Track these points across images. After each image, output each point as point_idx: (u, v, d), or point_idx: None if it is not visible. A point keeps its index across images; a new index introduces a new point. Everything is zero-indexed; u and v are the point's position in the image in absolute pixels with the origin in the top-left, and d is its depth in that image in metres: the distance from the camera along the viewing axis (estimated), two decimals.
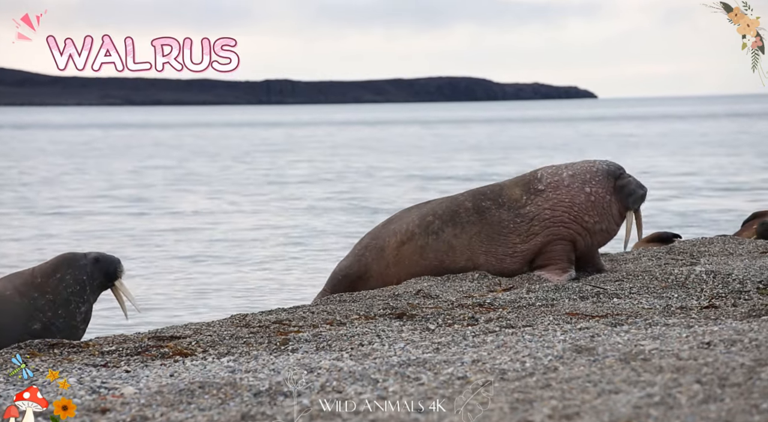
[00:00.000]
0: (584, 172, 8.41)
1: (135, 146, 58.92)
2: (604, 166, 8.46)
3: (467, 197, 8.55)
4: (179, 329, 6.97)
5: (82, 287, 7.10)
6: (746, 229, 12.18)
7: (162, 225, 20.25)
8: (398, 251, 8.50)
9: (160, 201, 25.96)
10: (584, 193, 8.35)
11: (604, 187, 8.39)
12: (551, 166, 8.56)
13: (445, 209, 8.51)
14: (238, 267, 15.01)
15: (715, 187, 26.65)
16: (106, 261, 7.20)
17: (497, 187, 8.57)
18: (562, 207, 8.34)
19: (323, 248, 16.92)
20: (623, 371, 4.89)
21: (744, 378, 4.63)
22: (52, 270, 7.10)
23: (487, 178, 31.56)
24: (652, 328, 6.07)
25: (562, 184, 8.37)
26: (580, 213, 8.35)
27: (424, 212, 8.58)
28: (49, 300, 7.01)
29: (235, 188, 29.59)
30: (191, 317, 10.84)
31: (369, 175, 33.75)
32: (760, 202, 22.39)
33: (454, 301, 7.61)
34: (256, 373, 5.39)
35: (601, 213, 8.39)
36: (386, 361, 5.45)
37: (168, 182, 32.09)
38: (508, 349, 5.54)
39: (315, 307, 7.64)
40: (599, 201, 8.38)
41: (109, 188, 29.98)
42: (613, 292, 7.69)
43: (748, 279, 7.91)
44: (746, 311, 6.93)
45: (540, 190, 8.39)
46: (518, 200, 8.41)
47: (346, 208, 23.53)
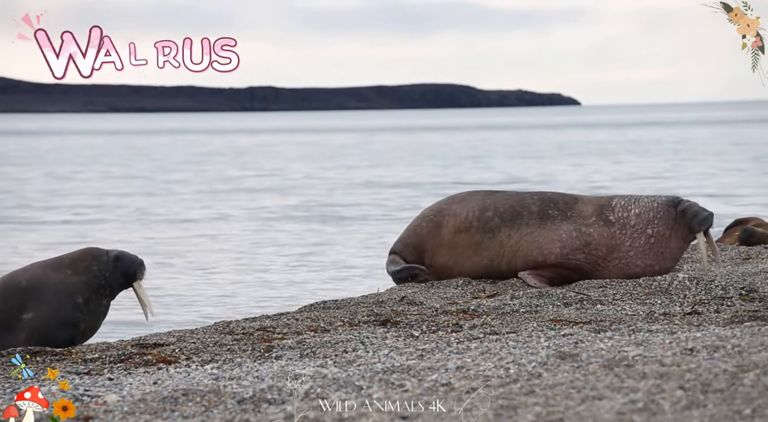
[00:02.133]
0: (648, 210, 8.43)
1: (104, 153, 58.77)
2: (663, 199, 8.49)
3: (535, 201, 8.53)
4: (163, 336, 6.95)
5: (105, 282, 7.04)
6: (729, 236, 12.23)
7: (141, 233, 20.21)
8: (454, 237, 8.57)
9: (134, 208, 25.90)
10: (645, 236, 8.37)
11: (665, 222, 8.39)
12: (625, 197, 8.54)
13: (508, 208, 8.51)
14: (219, 274, 14.98)
15: (698, 193, 26.75)
16: (127, 261, 7.13)
17: (571, 199, 8.56)
18: (620, 250, 8.35)
19: (302, 255, 16.91)
20: (607, 377, 4.90)
21: (727, 384, 4.65)
22: (80, 258, 7.08)
23: (449, 186, 31.57)
24: (635, 334, 6.08)
25: (628, 224, 8.39)
26: (634, 257, 8.35)
27: (486, 204, 8.57)
28: (83, 281, 6.98)
29: (206, 196, 29.55)
30: (175, 324, 10.82)
31: (334, 183, 33.77)
32: (742, 208, 22.49)
33: (438, 308, 7.61)
34: (240, 380, 5.38)
35: (657, 253, 8.38)
36: (370, 368, 5.45)
37: (138, 190, 32.02)
38: (492, 356, 5.54)
39: (299, 314, 7.64)
40: (659, 241, 8.38)
41: (66, 194, 29.90)
42: (596, 299, 7.71)
43: (731, 286, 7.94)
44: (729, 317, 6.95)
45: (610, 221, 8.41)
46: (586, 218, 8.41)
47: (309, 217, 23.53)
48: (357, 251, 17.28)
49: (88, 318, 6.96)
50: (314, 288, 13.55)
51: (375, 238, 19.00)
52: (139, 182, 35.26)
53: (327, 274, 14.81)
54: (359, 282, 13.99)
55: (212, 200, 27.92)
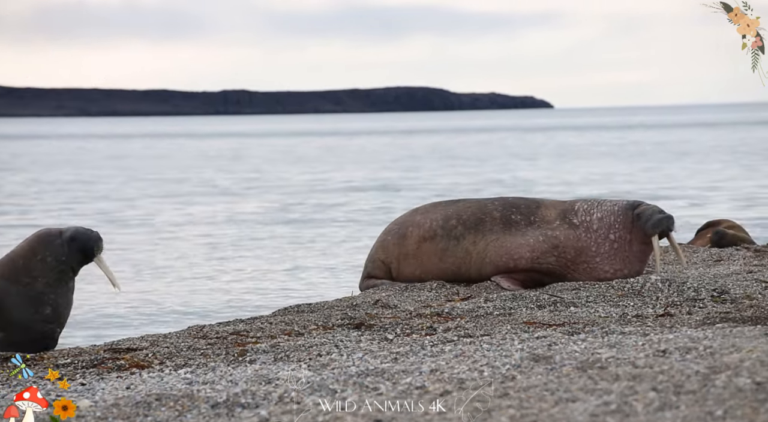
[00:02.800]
0: (609, 214, 8.44)
1: (63, 159, 58.49)
2: (623, 203, 8.52)
3: (497, 207, 8.57)
4: (135, 341, 6.92)
5: (65, 267, 6.89)
6: (700, 238, 12.30)
7: (111, 237, 20.11)
8: (419, 246, 8.64)
9: (102, 212, 25.79)
10: (609, 241, 8.39)
11: (625, 226, 8.40)
12: (587, 201, 8.57)
13: (470, 215, 8.57)
14: (193, 278, 14.93)
15: (669, 195, 26.90)
16: (83, 238, 6.96)
17: (533, 204, 8.59)
18: (587, 254, 8.38)
19: (270, 258, 16.88)
20: (580, 379, 4.91)
21: (699, 386, 4.67)
22: (32, 253, 6.90)
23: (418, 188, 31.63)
24: (608, 336, 6.11)
25: (591, 228, 8.42)
26: (601, 263, 8.38)
27: (449, 213, 8.64)
28: (45, 283, 6.83)
29: (179, 198, 29.46)
30: (148, 329, 10.77)
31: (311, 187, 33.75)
32: (713, 210, 22.63)
33: (412, 311, 7.61)
34: (214, 385, 5.36)
35: (623, 258, 8.40)
36: (344, 371, 5.45)
37: (107, 194, 31.89)
38: (466, 358, 5.55)
39: (273, 318, 7.62)
40: (622, 246, 8.40)
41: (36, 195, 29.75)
42: (569, 301, 7.73)
43: (703, 288, 7.98)
44: (701, 319, 6.99)
45: (574, 224, 8.43)
46: (550, 222, 8.44)
47: (285, 219, 23.50)
48: (331, 254, 17.26)
49: (61, 311, 6.88)
50: (288, 292, 13.53)
51: (349, 241, 19.00)
52: (109, 186, 35.11)
53: (301, 278, 14.79)
54: (333, 285, 13.98)
55: (185, 203, 27.83)
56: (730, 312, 7.27)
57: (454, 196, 28.74)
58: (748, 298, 7.77)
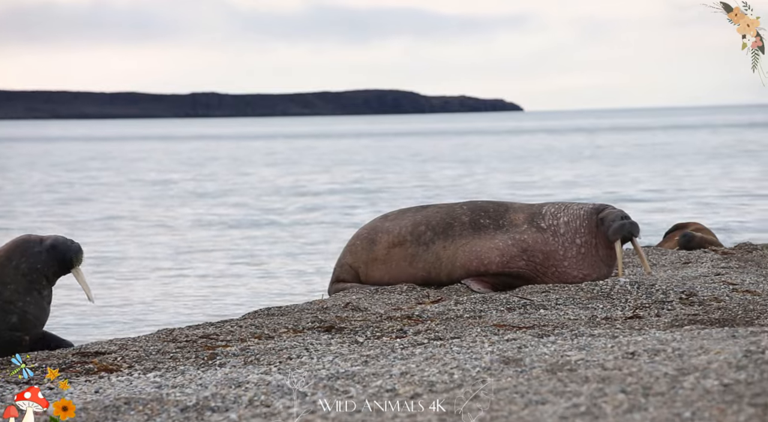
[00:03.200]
0: (575, 219, 8.45)
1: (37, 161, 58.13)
2: (589, 207, 8.52)
3: (465, 211, 8.58)
4: (104, 345, 6.88)
5: (39, 275, 6.84)
6: (668, 240, 12.37)
7: (85, 240, 20.00)
8: (389, 251, 8.66)
9: (66, 214, 25.63)
10: (575, 246, 8.41)
11: (590, 230, 8.42)
12: (555, 205, 8.57)
13: (439, 220, 8.58)
14: (162, 281, 14.87)
15: (636, 198, 27.04)
16: (63, 248, 6.90)
17: (502, 208, 8.59)
18: (555, 258, 8.38)
19: (232, 262, 16.84)
20: (550, 382, 4.93)
21: (667, 388, 4.70)
22: (6, 259, 6.83)
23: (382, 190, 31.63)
24: (578, 339, 6.13)
25: (558, 232, 8.43)
26: (569, 268, 8.40)
27: (418, 219, 8.65)
28: (14, 290, 6.76)
29: (150, 201, 29.33)
30: (117, 332, 10.72)
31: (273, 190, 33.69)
32: (681, 213, 22.76)
33: (382, 314, 7.62)
34: (183, 388, 5.34)
35: (591, 263, 8.42)
36: (315, 374, 5.44)
37: (70, 196, 31.71)
38: (437, 361, 5.56)
39: (243, 321, 7.60)
40: (588, 251, 8.42)
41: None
42: (539, 303, 7.76)
43: (671, 290, 8.03)
44: (669, 321, 7.04)
45: (542, 228, 8.43)
46: (518, 226, 8.44)
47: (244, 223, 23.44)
48: (301, 258, 17.24)
49: (30, 320, 6.83)
50: (258, 295, 13.50)
51: (319, 245, 18.98)
52: (73, 189, 34.90)
53: (271, 281, 14.76)
54: (304, 288, 13.96)
55: (155, 205, 27.71)
56: (698, 314, 7.32)
57: (425, 199, 28.77)
58: (716, 300, 7.82)
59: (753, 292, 8.12)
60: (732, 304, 7.69)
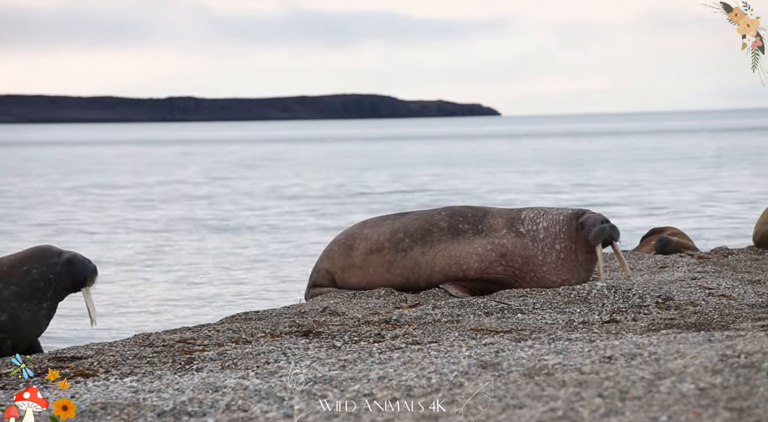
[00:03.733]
0: (554, 224, 8.45)
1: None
2: (568, 212, 8.53)
3: (444, 217, 8.57)
4: (81, 349, 6.85)
5: (47, 284, 6.83)
6: (645, 245, 12.43)
7: (63, 245, 19.89)
8: (366, 257, 8.65)
9: (39, 220, 25.51)
10: (555, 252, 8.41)
11: (570, 236, 8.42)
12: (534, 210, 8.56)
13: (417, 227, 8.58)
14: (139, 286, 14.82)
15: (612, 202, 27.14)
16: (79, 265, 6.90)
17: (480, 212, 8.59)
18: (534, 263, 8.38)
19: (202, 266, 16.80)
20: (527, 386, 4.94)
21: (644, 392, 4.72)
22: (20, 262, 6.83)
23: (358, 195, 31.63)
24: (555, 343, 6.15)
25: (538, 237, 8.42)
26: (548, 273, 8.40)
27: (396, 227, 8.65)
28: (15, 291, 6.74)
29: (123, 205, 29.24)
30: (93, 337, 10.67)
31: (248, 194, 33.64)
32: (655, 217, 22.87)
33: (360, 318, 7.62)
34: (160, 393, 5.32)
35: (570, 268, 8.42)
36: (293, 379, 5.43)
37: (46, 201, 31.56)
38: (414, 366, 5.56)
39: (220, 326, 7.58)
40: (568, 256, 8.42)
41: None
42: (517, 308, 7.77)
43: (648, 294, 8.06)
44: (646, 325, 7.06)
45: (521, 233, 8.43)
46: (498, 231, 8.44)
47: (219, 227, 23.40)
48: (278, 261, 17.21)
49: (20, 326, 6.80)
50: (236, 299, 13.47)
51: (298, 249, 18.95)
52: (49, 193, 34.75)
53: (248, 285, 14.73)
54: (281, 292, 13.94)
55: (131, 209, 27.61)
56: (675, 318, 7.35)
57: (403, 202, 28.79)
58: (692, 305, 7.86)
59: (729, 296, 8.16)
60: (708, 308, 7.72)
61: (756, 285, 8.74)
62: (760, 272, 9.62)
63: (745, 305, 7.85)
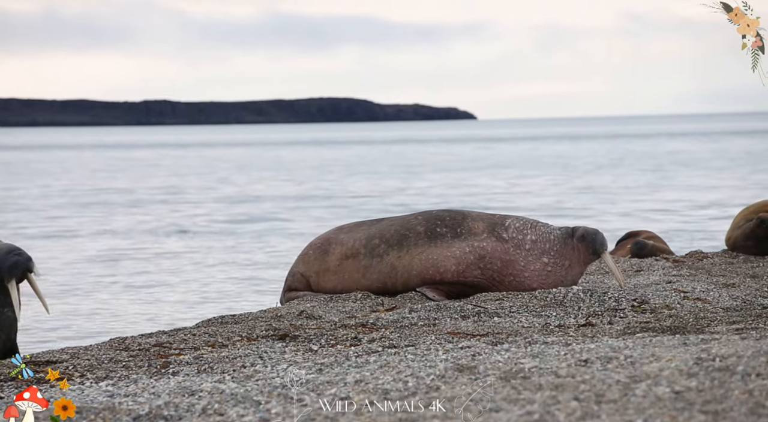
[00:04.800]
0: (544, 241, 8.40)
1: None
2: (558, 231, 8.45)
3: (420, 221, 8.51)
4: (56, 353, 6.82)
5: None
6: (620, 248, 12.47)
7: (36, 251, 19.81)
8: (341, 262, 8.60)
9: (19, 224, 25.39)
10: (541, 263, 8.39)
11: (563, 254, 8.39)
12: (520, 219, 8.51)
13: (393, 233, 8.52)
14: (114, 289, 14.76)
15: (589, 207, 27.24)
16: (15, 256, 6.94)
17: (459, 216, 8.52)
18: (514, 268, 8.37)
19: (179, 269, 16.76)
20: (504, 389, 4.95)
21: (620, 395, 4.74)
22: None
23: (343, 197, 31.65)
24: (531, 346, 6.16)
25: (523, 247, 8.39)
26: (529, 279, 8.38)
27: (372, 233, 8.60)
28: None
29: (94, 210, 29.12)
30: (68, 341, 10.61)
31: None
32: (631, 221, 22.96)
33: (337, 322, 7.61)
34: (136, 397, 5.30)
35: (557, 281, 8.38)
36: (269, 383, 5.43)
37: (20, 206, 31.42)
38: (391, 369, 5.56)
39: (196, 329, 7.56)
40: (556, 270, 8.39)
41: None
42: (493, 311, 7.79)
43: (624, 298, 8.09)
44: (621, 329, 7.09)
45: (503, 239, 8.38)
46: (478, 235, 8.41)
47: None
48: (255, 265, 17.18)
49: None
50: (212, 303, 13.44)
51: (273, 252, 18.93)
52: (27, 199, 34.57)
53: (225, 288, 14.69)
54: (257, 296, 13.91)
55: (102, 213, 27.50)
56: (650, 322, 7.38)
57: (383, 208, 28.80)
58: (668, 308, 7.89)
59: (704, 300, 8.20)
60: (683, 312, 7.76)
61: (730, 288, 8.79)
62: (735, 275, 9.68)
63: (720, 308, 7.90)
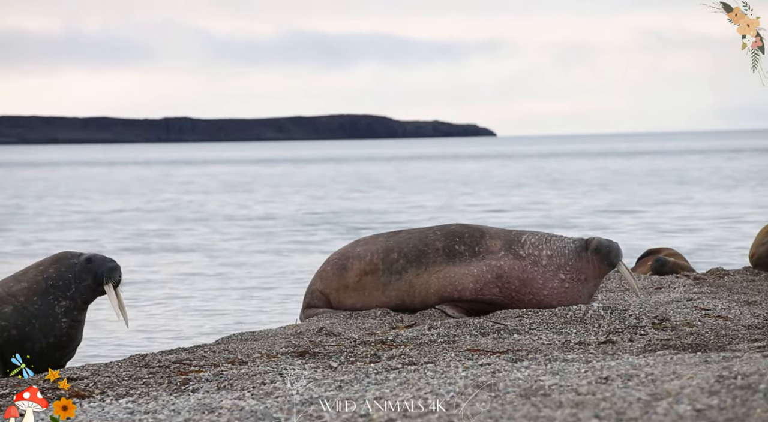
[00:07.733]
0: (560, 255, 8.35)
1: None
2: (572, 245, 8.40)
3: (439, 237, 8.44)
4: (76, 370, 6.84)
5: (66, 283, 6.94)
6: (641, 266, 12.43)
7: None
8: (360, 279, 8.54)
9: (19, 241, 25.50)
10: (558, 279, 8.35)
11: (578, 268, 8.35)
12: (535, 234, 8.46)
13: (412, 247, 8.45)
14: (135, 306, 14.79)
15: (606, 225, 27.17)
16: (98, 263, 7.01)
17: (477, 233, 8.45)
18: (533, 286, 8.34)
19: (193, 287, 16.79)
20: (524, 407, 4.93)
21: (641, 413, 4.71)
22: (38, 264, 7.09)
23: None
24: (551, 364, 6.14)
25: (539, 263, 8.34)
26: (548, 297, 8.35)
27: (390, 245, 8.52)
28: (24, 287, 6.89)
29: (117, 225, 29.23)
30: (89, 358, 10.65)
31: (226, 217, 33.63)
32: (651, 238, 22.88)
33: (356, 339, 7.61)
34: (156, 414, 5.31)
35: (574, 297, 8.35)
36: (288, 400, 5.42)
37: (30, 221, 31.55)
38: (410, 386, 5.55)
39: (216, 346, 7.57)
40: (573, 286, 8.35)
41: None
42: (513, 328, 7.77)
43: (644, 315, 8.06)
44: (642, 346, 7.06)
45: (521, 256, 8.33)
46: (495, 253, 8.36)
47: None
48: (275, 282, 17.20)
49: (27, 316, 6.89)
50: (231, 320, 13.45)
51: (292, 269, 18.94)
52: (32, 213, 34.74)
53: (244, 306, 14.71)
54: (278, 313, 13.92)
55: (126, 232, 27.59)
56: (671, 339, 7.35)
57: (403, 224, 28.79)
58: (689, 325, 7.86)
59: (725, 318, 8.16)
60: (704, 329, 7.72)
61: (752, 306, 8.74)
62: (756, 293, 9.63)
63: (742, 326, 7.86)
